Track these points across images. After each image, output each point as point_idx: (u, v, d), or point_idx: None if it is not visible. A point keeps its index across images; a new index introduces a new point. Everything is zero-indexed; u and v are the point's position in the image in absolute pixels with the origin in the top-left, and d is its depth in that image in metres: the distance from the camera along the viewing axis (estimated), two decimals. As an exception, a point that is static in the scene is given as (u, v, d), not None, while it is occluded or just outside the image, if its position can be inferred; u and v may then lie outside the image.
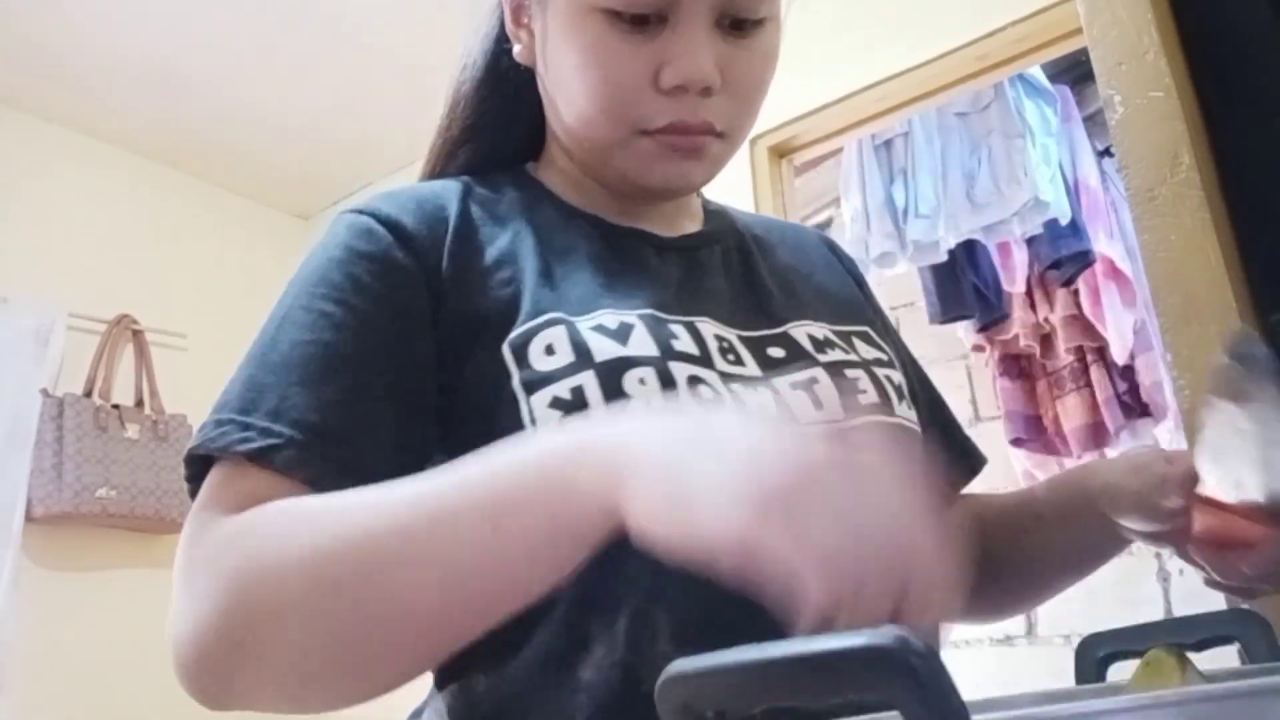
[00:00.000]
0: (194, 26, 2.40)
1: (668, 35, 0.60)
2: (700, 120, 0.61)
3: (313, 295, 0.58)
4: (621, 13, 0.59)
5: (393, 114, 2.77)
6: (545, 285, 0.61)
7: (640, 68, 0.60)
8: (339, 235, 0.62)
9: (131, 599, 2.53)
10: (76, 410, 2.42)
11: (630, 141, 0.63)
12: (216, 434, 0.53)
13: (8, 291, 2.46)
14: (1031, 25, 1.83)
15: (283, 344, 0.56)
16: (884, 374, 0.66)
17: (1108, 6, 0.73)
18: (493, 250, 0.63)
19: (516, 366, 0.56)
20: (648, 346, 0.57)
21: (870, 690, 0.27)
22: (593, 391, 0.54)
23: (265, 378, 0.55)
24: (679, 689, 0.30)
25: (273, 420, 0.53)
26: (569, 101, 0.64)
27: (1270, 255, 0.73)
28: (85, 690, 2.39)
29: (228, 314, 2.91)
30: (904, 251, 2.45)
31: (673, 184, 0.65)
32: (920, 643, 0.26)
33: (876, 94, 2.04)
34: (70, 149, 2.73)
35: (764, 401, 0.58)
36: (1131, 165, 0.71)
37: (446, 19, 2.38)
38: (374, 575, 0.45)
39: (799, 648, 0.28)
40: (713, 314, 0.63)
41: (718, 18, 0.61)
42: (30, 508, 2.31)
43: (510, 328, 0.58)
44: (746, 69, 0.63)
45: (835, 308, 0.72)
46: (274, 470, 0.52)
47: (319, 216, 3.31)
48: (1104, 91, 0.73)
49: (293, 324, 0.57)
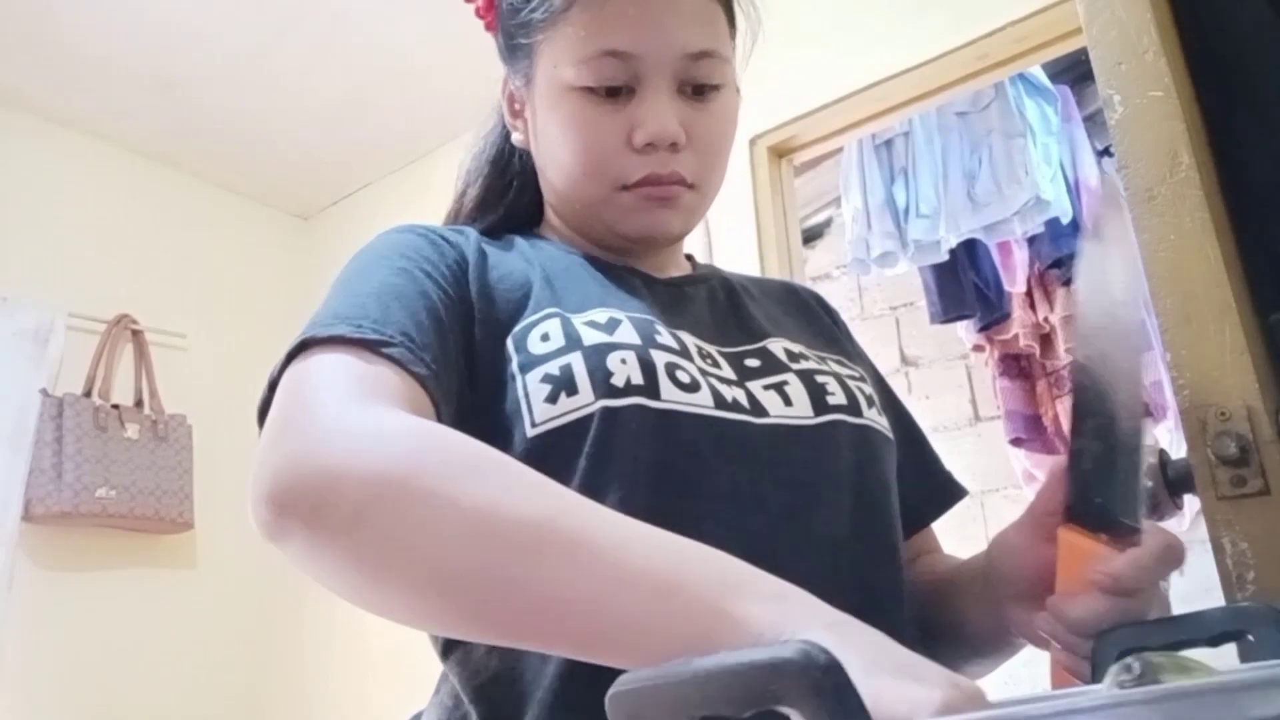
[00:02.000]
0: (194, 27, 2.40)
1: (636, 103, 0.69)
2: (671, 171, 0.70)
3: (387, 259, 0.64)
4: (595, 88, 0.68)
5: (393, 114, 2.77)
6: (548, 290, 0.69)
7: (615, 132, 0.69)
8: (389, 235, 0.69)
9: (131, 599, 2.53)
10: (76, 410, 2.42)
11: (612, 198, 0.71)
12: (326, 327, 0.56)
13: (7, 291, 2.46)
14: (1031, 25, 1.84)
15: (372, 282, 0.62)
16: (855, 385, 0.72)
17: (1108, 6, 0.73)
18: (504, 269, 0.70)
19: (516, 353, 0.64)
20: (631, 337, 0.64)
21: (782, 701, 0.27)
22: (579, 368, 0.61)
23: (364, 301, 0.59)
24: (626, 702, 0.32)
25: (382, 326, 0.57)
26: (558, 167, 0.73)
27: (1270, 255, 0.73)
28: (84, 690, 2.39)
29: (228, 314, 2.92)
30: (905, 251, 2.45)
31: (653, 231, 0.73)
32: (825, 656, 0.27)
33: (876, 94, 2.03)
34: (70, 149, 2.73)
35: (737, 395, 0.65)
36: (1131, 165, 0.71)
37: (447, 19, 2.38)
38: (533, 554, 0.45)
39: (720, 661, 0.29)
40: (695, 332, 0.70)
41: (679, 85, 0.70)
42: (29, 507, 2.31)
43: (515, 324, 0.65)
44: (707, 128, 0.71)
45: (813, 337, 0.79)
46: (392, 363, 0.55)
47: (319, 216, 3.30)
48: (1103, 91, 0.73)
49: (377, 271, 0.63)
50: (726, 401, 0.64)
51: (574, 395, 0.60)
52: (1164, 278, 0.68)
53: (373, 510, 0.46)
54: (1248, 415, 0.63)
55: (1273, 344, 0.70)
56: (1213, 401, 0.65)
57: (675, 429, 0.60)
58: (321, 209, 3.29)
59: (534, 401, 0.61)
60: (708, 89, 0.71)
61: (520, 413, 0.61)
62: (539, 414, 0.60)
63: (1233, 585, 0.63)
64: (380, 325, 0.57)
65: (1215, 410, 0.65)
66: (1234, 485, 0.64)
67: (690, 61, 0.69)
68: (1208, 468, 0.65)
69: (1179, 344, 0.67)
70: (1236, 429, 0.63)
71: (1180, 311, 0.67)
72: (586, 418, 0.59)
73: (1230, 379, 0.65)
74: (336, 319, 0.57)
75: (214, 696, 2.31)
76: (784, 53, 2.15)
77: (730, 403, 0.64)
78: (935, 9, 1.97)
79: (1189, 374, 0.67)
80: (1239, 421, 0.64)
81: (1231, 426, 0.64)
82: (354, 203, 3.19)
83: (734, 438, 0.62)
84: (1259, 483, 0.63)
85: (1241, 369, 0.65)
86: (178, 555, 2.62)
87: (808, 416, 0.66)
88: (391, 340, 0.56)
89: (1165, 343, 0.68)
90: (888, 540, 0.67)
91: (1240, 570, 0.63)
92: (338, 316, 0.57)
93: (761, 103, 2.11)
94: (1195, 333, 0.66)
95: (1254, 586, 0.62)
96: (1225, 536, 0.64)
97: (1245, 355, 0.65)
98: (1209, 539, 0.65)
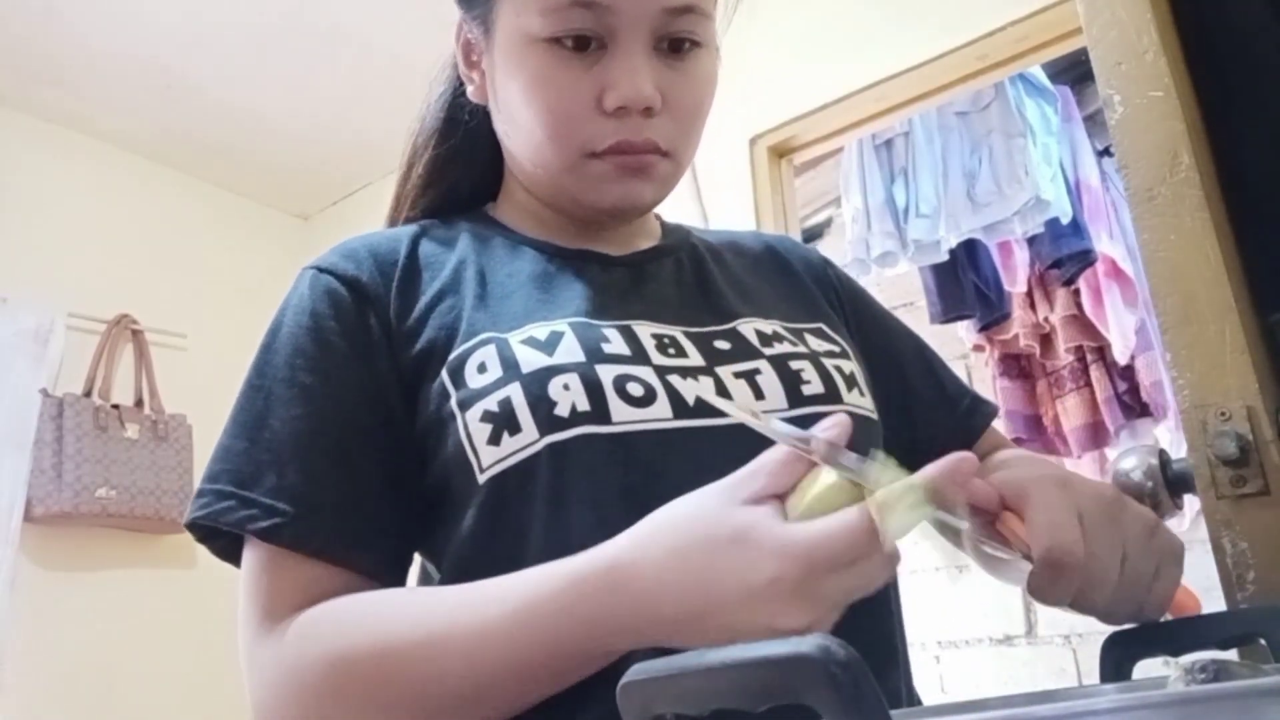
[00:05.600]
0: (194, 26, 2.40)
1: (608, 60, 0.63)
2: (644, 139, 0.64)
3: (293, 369, 0.62)
4: (562, 39, 0.62)
5: (392, 114, 2.75)
6: (481, 308, 0.64)
7: (584, 92, 0.63)
8: (304, 301, 0.65)
9: (131, 599, 2.53)
10: (76, 410, 2.42)
11: (580, 165, 0.65)
12: (223, 509, 0.58)
13: (7, 291, 2.46)
14: (1031, 25, 1.83)
15: (272, 422, 0.60)
16: (833, 365, 0.67)
17: (1107, 6, 0.73)
18: (435, 285, 0.66)
19: (454, 387, 0.60)
20: (574, 354, 0.60)
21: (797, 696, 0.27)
22: (519, 400, 0.57)
23: (259, 454, 0.59)
24: (637, 693, 0.32)
25: (274, 497, 0.58)
26: (519, 130, 0.67)
27: (1270, 255, 0.73)
28: (84, 690, 2.39)
29: (227, 314, 2.92)
30: (905, 251, 2.45)
31: (624, 203, 0.67)
32: (844, 651, 0.27)
33: (876, 94, 2.03)
34: (70, 149, 2.73)
35: (704, 388, 0.61)
36: (1131, 165, 0.71)
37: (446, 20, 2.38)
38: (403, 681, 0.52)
39: (735, 654, 0.29)
40: (654, 316, 0.66)
41: (655, 42, 0.63)
42: (30, 507, 2.31)
43: (450, 353, 0.62)
44: (685, 91, 0.65)
45: (790, 306, 0.74)
46: (284, 547, 0.58)
47: (319, 216, 3.31)
48: (1103, 91, 0.73)
49: (278, 401, 0.61)
50: (687, 406, 0.59)
51: (517, 434, 0.57)
52: (1164, 278, 0.68)
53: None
54: (1248, 415, 0.63)
55: (1273, 344, 0.70)
56: (1213, 401, 0.65)
57: (632, 451, 0.57)
58: (321, 209, 3.29)
59: (477, 444, 0.58)
60: (687, 46, 0.64)
61: (466, 456, 0.58)
62: (485, 458, 0.57)
63: (1233, 585, 0.63)
64: (273, 497, 0.58)
65: (1215, 410, 0.65)
66: (1234, 485, 0.64)
67: (670, 16, 0.62)
68: (1208, 468, 0.65)
69: (1179, 344, 0.66)
70: (1236, 429, 0.63)
71: (1180, 311, 0.67)
72: (533, 458, 0.56)
73: (1230, 379, 0.65)
74: (234, 494, 0.59)
75: (214, 696, 2.31)
76: (784, 53, 2.15)
77: (692, 406, 0.60)
78: (935, 9, 1.97)
79: (1189, 374, 0.67)
80: (1239, 421, 0.64)
81: (1231, 426, 0.64)
82: (354, 203, 3.19)
83: (696, 448, 0.58)
84: (1259, 483, 0.63)
85: (1241, 369, 0.65)
86: (178, 555, 2.62)
87: (781, 409, 0.62)
88: (281, 523, 0.57)
89: (1165, 343, 0.67)
90: None
91: (1240, 570, 0.63)
92: (235, 483, 0.59)
93: (761, 103, 2.12)
94: (1195, 333, 0.66)
95: (1254, 586, 0.62)
96: (1225, 536, 0.64)
97: (1245, 355, 0.65)
98: (1209, 539, 0.65)
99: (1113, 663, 0.52)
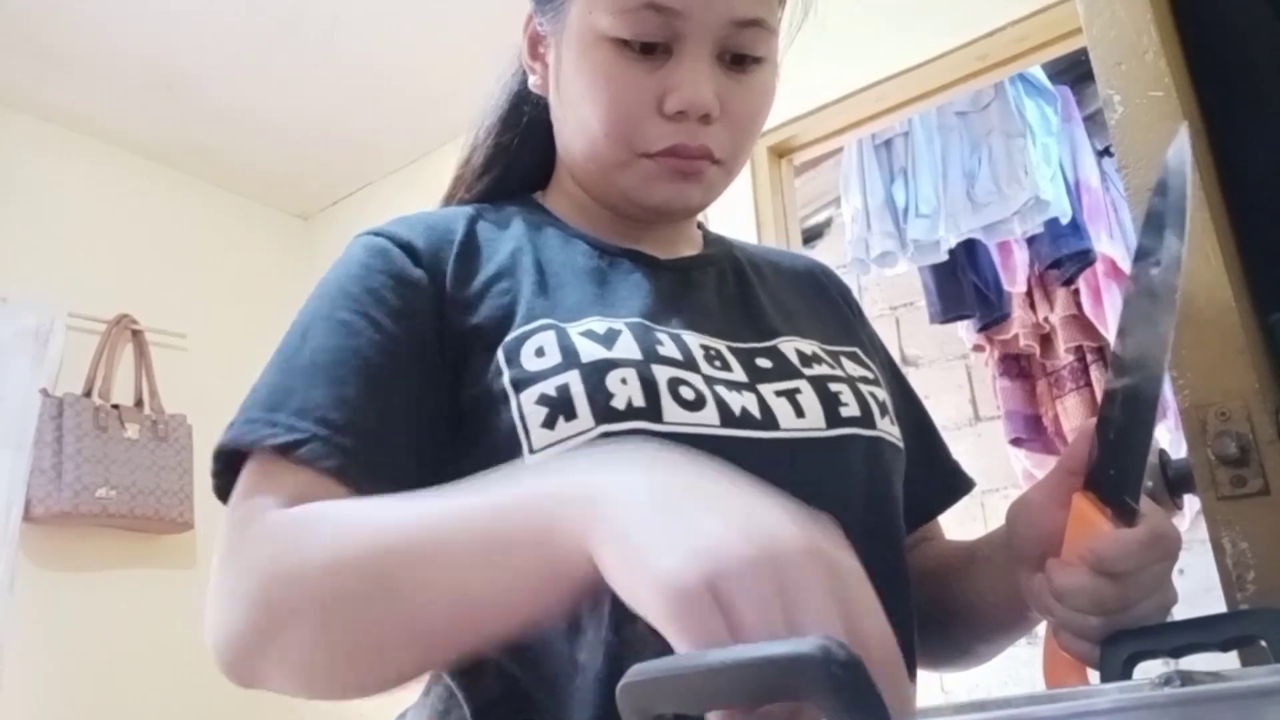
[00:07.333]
0: (194, 27, 2.40)
1: (672, 65, 0.64)
2: (699, 145, 0.65)
3: (334, 306, 0.62)
4: (630, 41, 0.63)
5: (392, 114, 2.77)
6: (540, 295, 0.65)
7: (646, 93, 0.64)
8: (355, 254, 0.66)
9: (131, 599, 2.53)
10: (76, 410, 2.42)
11: (632, 163, 0.66)
12: (245, 429, 0.57)
13: (7, 291, 2.46)
14: (1031, 25, 1.84)
15: (306, 351, 0.60)
16: (868, 390, 0.68)
17: (1108, 6, 0.73)
18: (492, 265, 0.67)
19: (508, 366, 0.60)
20: (632, 350, 0.60)
21: (799, 695, 0.27)
22: (577, 389, 0.58)
23: (290, 381, 0.59)
24: (636, 693, 0.32)
25: (299, 418, 0.56)
26: (577, 124, 0.68)
27: (1270, 255, 0.73)
28: (84, 690, 2.39)
29: (227, 314, 2.92)
30: (904, 251, 2.45)
31: (671, 204, 0.69)
32: (844, 651, 0.27)
33: (876, 94, 2.03)
34: (70, 148, 2.72)
35: (747, 403, 0.61)
36: (1131, 165, 0.71)
37: (446, 20, 2.38)
38: (384, 588, 0.48)
39: (735, 655, 0.29)
40: (700, 327, 0.67)
41: (719, 52, 0.65)
42: (29, 507, 2.31)
43: (506, 333, 0.62)
44: (743, 102, 0.67)
45: (826, 328, 0.75)
46: (301, 464, 0.55)
47: (319, 216, 3.30)
48: (1103, 91, 0.73)
49: (315, 333, 0.61)
50: (734, 415, 0.60)
51: (572, 420, 0.57)
52: (1164, 278, 0.68)
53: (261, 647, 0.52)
54: (1248, 415, 0.64)
55: (1273, 344, 0.70)
56: (1213, 401, 0.65)
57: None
58: (321, 209, 3.28)
59: (530, 425, 0.58)
60: (749, 60, 0.66)
61: (517, 435, 0.58)
62: (536, 439, 0.58)
63: (1233, 585, 0.64)
64: (299, 415, 0.56)
65: (1215, 410, 0.65)
66: (1234, 485, 0.64)
67: (736, 29, 0.64)
68: (1208, 468, 0.65)
69: (1179, 344, 0.67)
70: (1236, 429, 0.63)
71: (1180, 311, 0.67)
72: (586, 445, 0.57)
73: (1230, 379, 0.65)
74: (258, 411, 0.58)
75: (214, 696, 2.31)
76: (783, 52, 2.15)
77: (738, 416, 0.61)
78: (935, 9, 1.97)
79: (1189, 374, 0.67)
80: (1239, 421, 0.64)
81: (1231, 426, 0.64)
82: (354, 203, 3.19)
83: (741, 456, 0.57)
84: (1259, 483, 0.63)
85: (1241, 369, 0.65)
86: (178, 555, 2.62)
87: (820, 429, 0.63)
88: (303, 438, 0.55)
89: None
90: (893, 562, 0.66)
91: (1240, 570, 0.63)
92: (260, 407, 0.58)
93: (761, 103, 2.11)
94: (1195, 333, 0.66)
95: (1254, 586, 0.62)
96: (1225, 536, 0.64)
97: (1245, 355, 0.65)
98: (1209, 539, 0.65)
99: (1114, 663, 0.52)
